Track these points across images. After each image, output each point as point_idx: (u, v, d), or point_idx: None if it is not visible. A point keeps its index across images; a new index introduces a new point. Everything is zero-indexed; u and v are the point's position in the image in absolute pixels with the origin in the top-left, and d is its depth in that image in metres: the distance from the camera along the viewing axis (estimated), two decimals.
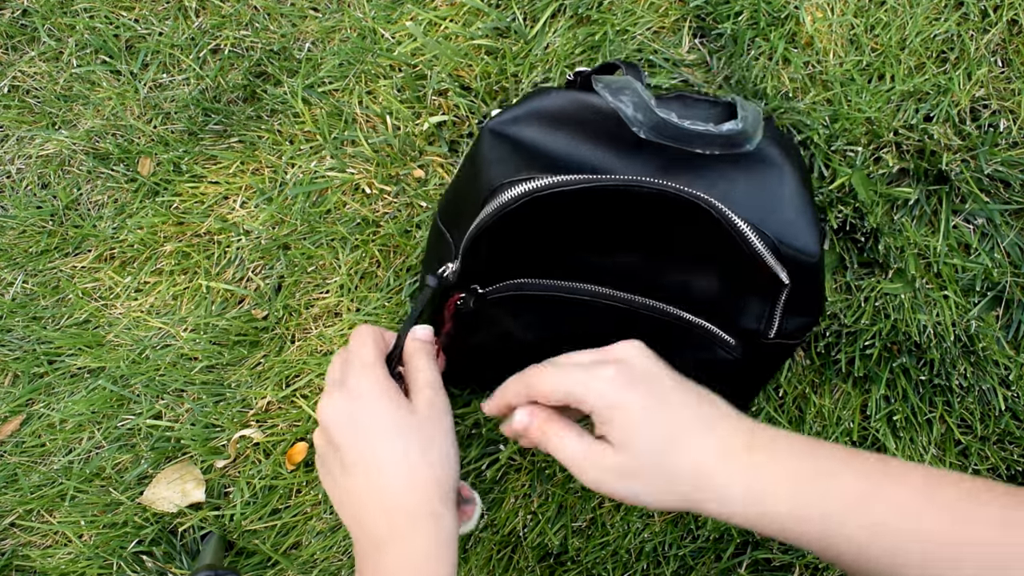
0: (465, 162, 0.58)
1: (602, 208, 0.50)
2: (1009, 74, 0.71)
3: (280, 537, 0.75)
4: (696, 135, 0.51)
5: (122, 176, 0.77)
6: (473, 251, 0.52)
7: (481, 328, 0.57)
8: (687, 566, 0.74)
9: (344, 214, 0.74)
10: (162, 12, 0.77)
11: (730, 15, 0.70)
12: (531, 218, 0.50)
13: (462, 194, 0.57)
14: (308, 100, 0.75)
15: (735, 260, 0.51)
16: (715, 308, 0.55)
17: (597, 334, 0.49)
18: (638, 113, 0.52)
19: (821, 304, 0.56)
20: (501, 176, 0.50)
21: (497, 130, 0.54)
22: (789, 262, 0.51)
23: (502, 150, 0.53)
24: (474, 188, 0.53)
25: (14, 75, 0.79)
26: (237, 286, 0.76)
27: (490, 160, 0.53)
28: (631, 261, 0.54)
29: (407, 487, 0.44)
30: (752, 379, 0.61)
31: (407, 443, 0.45)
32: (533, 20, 0.72)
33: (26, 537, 0.76)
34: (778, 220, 0.51)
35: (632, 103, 0.52)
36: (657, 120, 0.51)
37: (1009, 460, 0.71)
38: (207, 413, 0.75)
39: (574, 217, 0.51)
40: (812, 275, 0.52)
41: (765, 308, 0.54)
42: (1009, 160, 0.68)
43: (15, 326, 0.78)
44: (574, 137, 0.53)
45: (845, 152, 0.69)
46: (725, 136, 0.51)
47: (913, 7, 0.71)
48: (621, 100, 0.52)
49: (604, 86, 0.54)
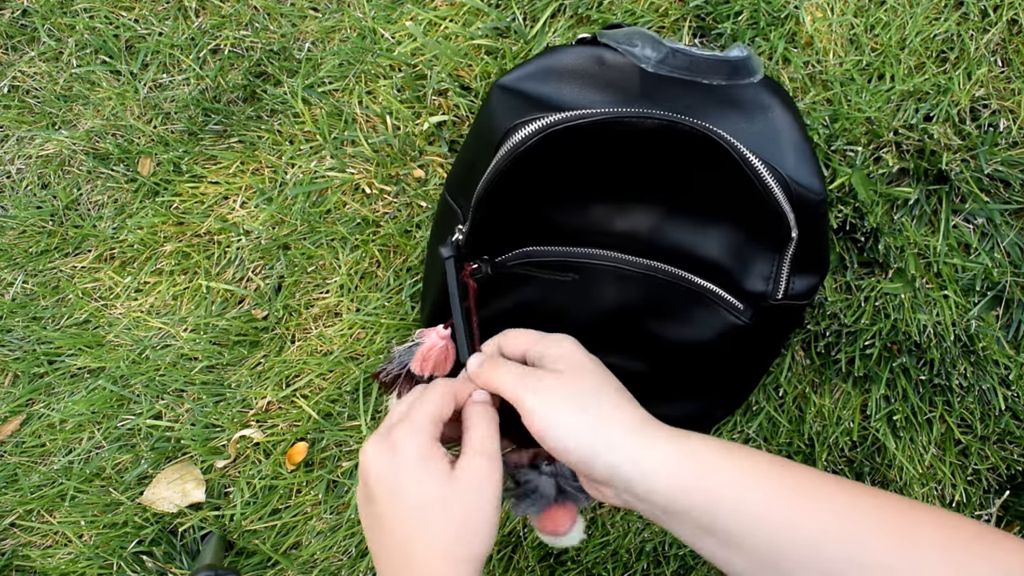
0: (474, 123, 0.59)
1: (615, 150, 0.51)
2: (1009, 74, 0.71)
3: (280, 537, 0.75)
4: (705, 61, 0.52)
5: (122, 176, 0.77)
6: (488, 202, 0.52)
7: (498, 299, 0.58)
8: (687, 566, 0.74)
9: (344, 214, 0.74)
10: (162, 12, 0.77)
11: (730, 15, 0.70)
12: (545, 161, 0.51)
13: (472, 151, 0.58)
14: (308, 100, 0.75)
15: (743, 205, 0.51)
16: (722, 272, 0.55)
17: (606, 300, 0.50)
18: (646, 49, 0.53)
19: (826, 257, 0.57)
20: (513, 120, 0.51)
21: (507, 85, 0.55)
22: (796, 201, 0.51)
23: (512, 102, 0.54)
24: (485, 138, 0.54)
25: (14, 75, 0.79)
26: (237, 286, 0.76)
27: (501, 110, 0.53)
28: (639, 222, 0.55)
29: (424, 558, 0.43)
30: (762, 348, 0.61)
31: (433, 515, 0.43)
32: (533, 20, 0.72)
33: (26, 537, 0.76)
34: (783, 161, 0.52)
35: (641, 42, 0.53)
36: (667, 50, 0.52)
37: (1009, 460, 0.71)
38: (207, 413, 0.75)
39: (587, 161, 0.52)
40: (817, 220, 0.53)
41: (772, 267, 0.55)
42: (1009, 160, 0.68)
43: (15, 326, 0.78)
44: (583, 88, 0.54)
45: (845, 152, 0.69)
46: (733, 63, 0.53)
47: (913, 7, 0.71)
48: (631, 43, 0.54)
49: (610, 37, 0.55)
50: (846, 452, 0.72)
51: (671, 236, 0.55)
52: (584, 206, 0.55)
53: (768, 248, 0.54)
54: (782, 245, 0.53)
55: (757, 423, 0.71)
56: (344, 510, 0.74)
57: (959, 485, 0.71)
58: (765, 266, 0.55)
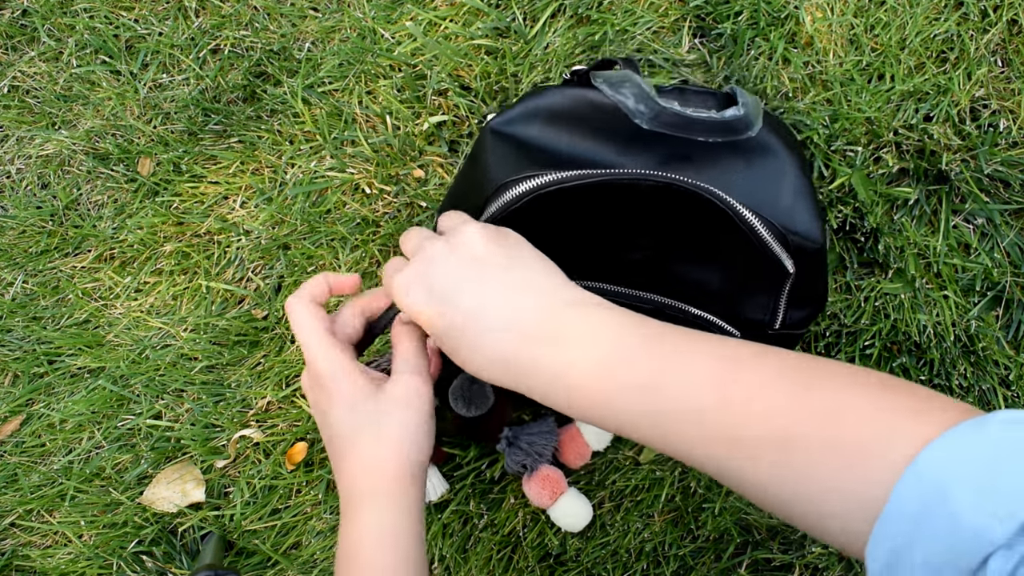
0: (466, 163, 0.58)
1: (607, 203, 0.50)
2: (1009, 74, 0.71)
3: (280, 537, 0.75)
4: (699, 122, 0.51)
5: (122, 176, 0.77)
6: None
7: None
8: (687, 566, 0.74)
9: (344, 214, 0.74)
10: (162, 12, 0.77)
11: (730, 15, 0.70)
12: (536, 215, 0.50)
13: (463, 195, 0.57)
14: (308, 100, 0.75)
15: (740, 251, 0.51)
16: (720, 301, 0.55)
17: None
18: (640, 104, 0.52)
19: (824, 293, 0.56)
20: (504, 175, 0.51)
21: (498, 130, 0.54)
22: (794, 249, 0.51)
23: (504, 149, 0.53)
24: (476, 187, 0.53)
25: (14, 75, 0.79)
26: (237, 286, 0.76)
27: (492, 159, 0.53)
28: (636, 257, 0.54)
29: (362, 468, 0.45)
30: None
31: (364, 424, 0.45)
32: (533, 20, 0.72)
33: (26, 537, 0.76)
34: (780, 207, 0.52)
35: (633, 95, 0.52)
36: (659, 109, 0.52)
37: None
38: (207, 413, 0.75)
39: (579, 214, 0.51)
40: (816, 262, 0.53)
41: (770, 300, 0.54)
42: (1009, 160, 0.68)
43: (15, 326, 0.78)
44: (574, 133, 0.53)
45: (845, 152, 0.69)
46: (727, 122, 0.52)
47: (913, 7, 0.71)
48: (622, 93, 0.53)
49: (603, 81, 0.54)
50: None
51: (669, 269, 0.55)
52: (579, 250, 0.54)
53: (766, 285, 0.54)
54: (780, 283, 0.53)
55: None
56: None
57: None
58: (763, 298, 0.54)
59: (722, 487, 0.73)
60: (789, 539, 0.73)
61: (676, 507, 0.73)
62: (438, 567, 0.74)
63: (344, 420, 0.45)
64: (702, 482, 0.72)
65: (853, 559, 0.73)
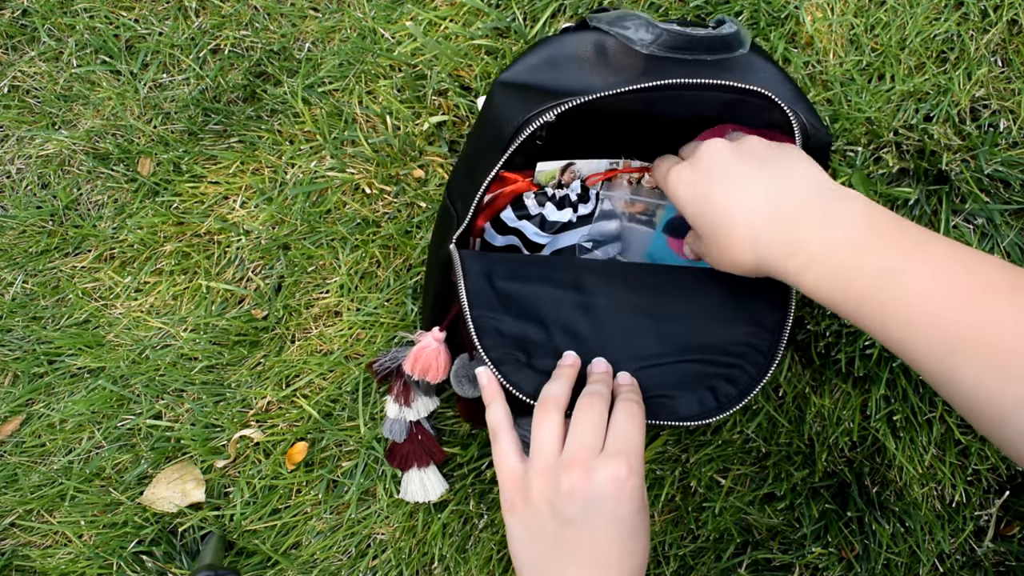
0: (477, 123, 0.59)
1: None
2: (1009, 74, 0.71)
3: (280, 537, 0.75)
4: (699, 39, 0.54)
5: (122, 176, 0.77)
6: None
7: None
8: (687, 566, 0.74)
9: (344, 214, 0.74)
10: (162, 12, 0.77)
11: (730, 15, 0.70)
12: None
13: (475, 150, 0.58)
14: (308, 100, 0.75)
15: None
16: None
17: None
18: (640, 31, 0.54)
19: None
20: (526, 111, 0.51)
21: (508, 80, 0.55)
22: (812, 142, 0.53)
23: (518, 94, 0.54)
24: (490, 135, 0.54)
25: (14, 75, 0.79)
26: (237, 286, 0.76)
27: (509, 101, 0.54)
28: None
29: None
30: None
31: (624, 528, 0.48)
32: (533, 20, 0.72)
33: (26, 537, 0.76)
34: (788, 104, 0.54)
35: (633, 24, 0.54)
36: (661, 31, 0.53)
37: (1009, 460, 0.71)
38: (207, 413, 0.75)
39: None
40: (826, 157, 0.55)
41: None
42: (1009, 160, 0.68)
43: (15, 326, 0.78)
44: (583, 71, 0.55)
45: (845, 152, 0.69)
46: (723, 38, 0.54)
47: (913, 7, 0.71)
48: (622, 26, 0.54)
49: (601, 20, 0.56)
50: (846, 452, 0.72)
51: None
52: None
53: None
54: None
55: (756, 423, 0.72)
56: (344, 510, 0.74)
57: (959, 485, 0.71)
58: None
59: (722, 487, 0.73)
60: (789, 539, 0.73)
61: (676, 507, 0.73)
62: (438, 567, 0.74)
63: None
64: (702, 482, 0.72)
65: (854, 559, 0.73)
